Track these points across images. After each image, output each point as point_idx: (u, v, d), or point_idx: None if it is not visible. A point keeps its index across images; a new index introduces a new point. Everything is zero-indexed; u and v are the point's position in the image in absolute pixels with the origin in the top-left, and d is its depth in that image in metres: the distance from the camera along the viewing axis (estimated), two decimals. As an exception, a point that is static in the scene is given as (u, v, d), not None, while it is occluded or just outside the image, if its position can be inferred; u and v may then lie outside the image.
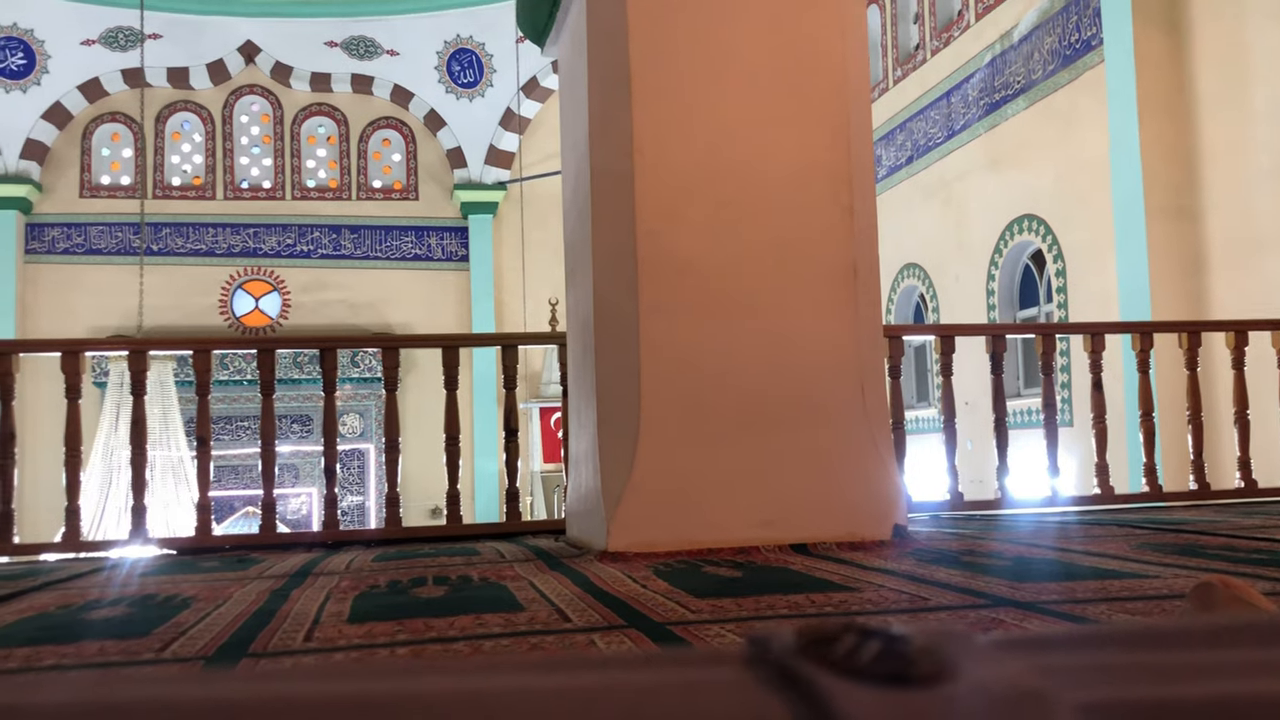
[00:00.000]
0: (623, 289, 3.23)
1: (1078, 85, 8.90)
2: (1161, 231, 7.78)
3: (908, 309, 12.41)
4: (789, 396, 3.18)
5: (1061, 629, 0.80)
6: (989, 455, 5.05)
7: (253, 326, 15.21)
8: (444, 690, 0.27)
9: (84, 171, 15.20)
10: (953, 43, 11.01)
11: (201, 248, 15.29)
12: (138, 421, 4.61)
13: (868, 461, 3.23)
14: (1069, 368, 8.81)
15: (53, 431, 6.11)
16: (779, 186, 3.29)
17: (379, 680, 0.29)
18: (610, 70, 3.31)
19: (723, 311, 3.17)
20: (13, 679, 1.54)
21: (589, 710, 0.27)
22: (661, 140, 3.25)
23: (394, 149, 15.97)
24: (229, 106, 15.60)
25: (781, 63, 3.33)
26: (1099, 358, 5.02)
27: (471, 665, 0.33)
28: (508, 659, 0.34)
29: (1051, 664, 0.36)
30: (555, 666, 0.31)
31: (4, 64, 14.28)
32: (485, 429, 14.72)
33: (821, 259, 3.26)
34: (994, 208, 10.20)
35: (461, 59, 15.23)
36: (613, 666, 0.33)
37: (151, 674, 1.48)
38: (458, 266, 15.78)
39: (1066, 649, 0.40)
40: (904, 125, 12.03)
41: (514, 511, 4.67)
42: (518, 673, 0.30)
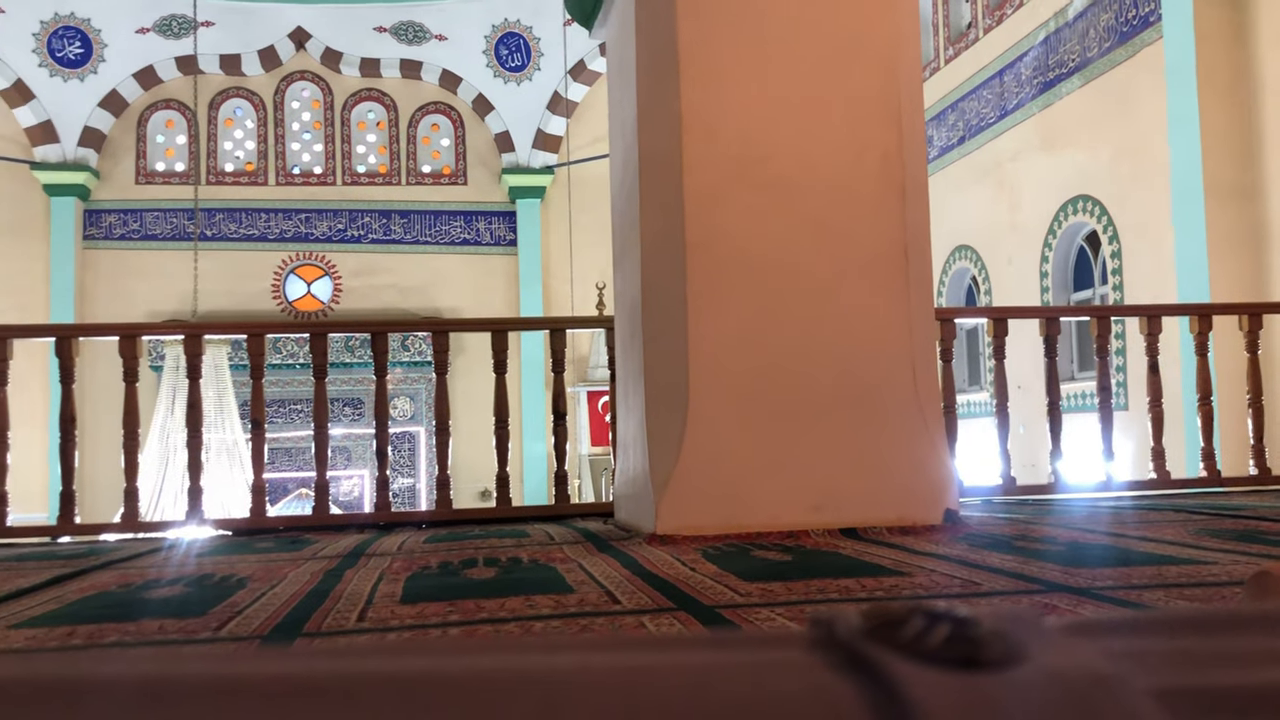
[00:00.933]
0: (671, 272, 3.22)
1: (1135, 63, 8.71)
2: (1221, 211, 7.61)
3: (959, 291, 12.27)
4: (839, 380, 3.16)
5: (1130, 614, 0.78)
6: (1042, 439, 4.99)
7: (305, 311, 15.40)
8: (510, 669, 0.27)
9: (140, 158, 15.44)
10: (1005, 20, 10.83)
11: (254, 233, 15.50)
12: (193, 404, 4.68)
13: (919, 445, 3.20)
14: (1124, 351, 8.67)
15: (111, 414, 6.23)
16: (829, 168, 3.26)
17: (445, 658, 0.29)
18: (659, 52, 3.29)
19: (772, 294, 3.15)
20: (78, 655, 1.57)
21: (654, 690, 0.27)
22: (710, 122, 3.23)
23: (443, 134, 16.05)
24: (280, 93, 15.76)
25: (831, 43, 3.29)
26: (1156, 340, 4.93)
27: (535, 645, 0.33)
28: (570, 639, 0.34)
29: (1122, 649, 0.35)
30: (618, 646, 0.31)
31: (62, 53, 14.54)
32: (533, 412, 14.79)
33: (872, 241, 3.23)
34: (1048, 188, 10.04)
35: (509, 43, 15.25)
36: (676, 647, 0.33)
37: (208, 652, 1.51)
38: (506, 251, 15.84)
39: (1136, 634, 0.40)
40: (956, 105, 11.86)
41: (563, 494, 4.69)
42: (581, 652, 0.30)
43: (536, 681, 0.26)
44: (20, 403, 4.83)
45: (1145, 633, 0.40)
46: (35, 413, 13.13)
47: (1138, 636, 0.40)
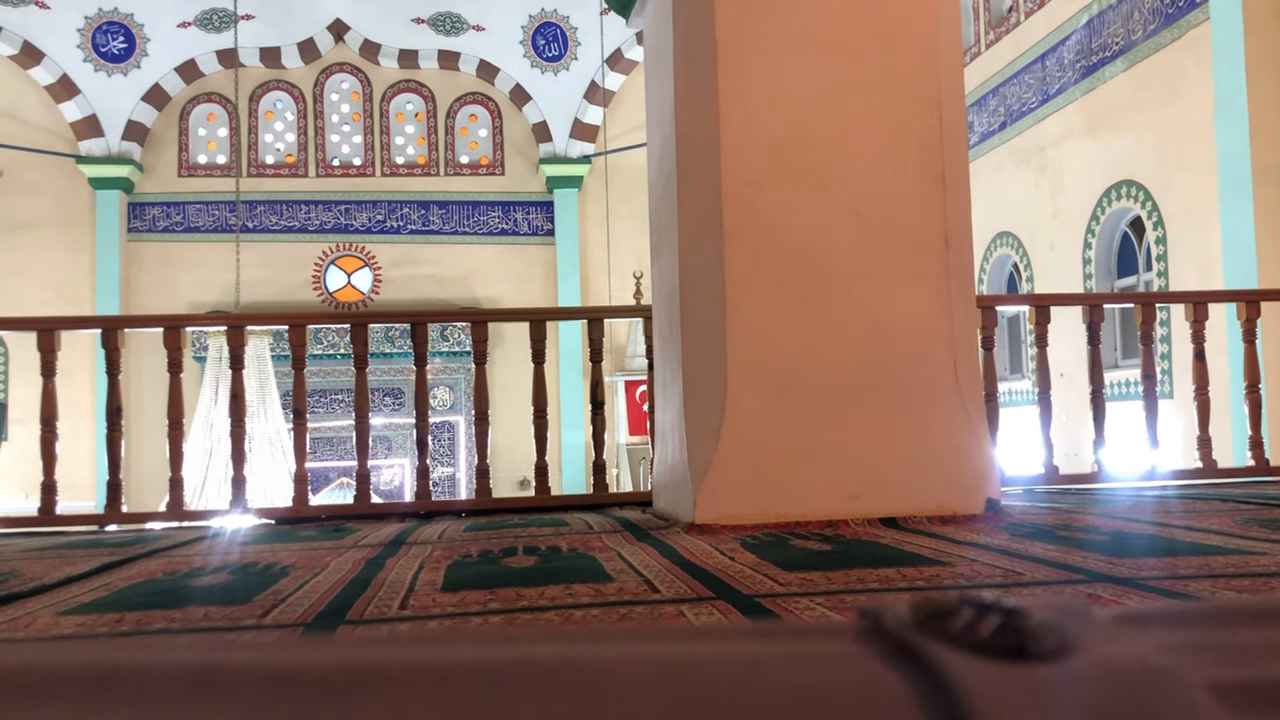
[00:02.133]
0: (709, 260, 3.21)
1: (1180, 45, 8.56)
2: (1269, 195, 7.47)
3: (1000, 279, 12.14)
4: (879, 368, 3.14)
5: (1181, 605, 0.77)
6: (1085, 427, 4.93)
7: (345, 301, 15.52)
8: (556, 658, 0.27)
9: (182, 151, 15.63)
10: (1048, 4, 10.68)
11: (295, 224, 15.64)
12: (236, 395, 4.74)
13: (959, 434, 3.18)
14: (1169, 338, 8.54)
15: (156, 404, 6.34)
16: (868, 155, 3.24)
17: (490, 646, 0.29)
18: (696, 40, 3.28)
19: (811, 282, 3.13)
20: (128, 640, 1.59)
21: (701, 681, 0.27)
22: (748, 109, 3.21)
23: (480, 124, 16.10)
24: (319, 85, 15.88)
25: (870, 28, 3.26)
26: (1202, 327, 4.85)
27: (580, 634, 0.33)
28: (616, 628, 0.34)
29: (1174, 641, 0.35)
30: (663, 637, 0.31)
31: (106, 48, 14.73)
32: (571, 401, 14.83)
33: (912, 228, 3.20)
34: (1090, 174, 9.90)
35: (546, 33, 15.26)
36: (722, 638, 0.33)
37: (256, 640, 1.53)
38: (543, 241, 15.88)
39: (1188, 625, 0.39)
40: (996, 90, 11.72)
41: (601, 483, 4.70)
42: (626, 642, 0.30)
43: (582, 670, 0.26)
44: (67, 393, 4.92)
45: (1197, 625, 0.40)
46: (82, 403, 13.36)
47: (1189, 628, 0.39)
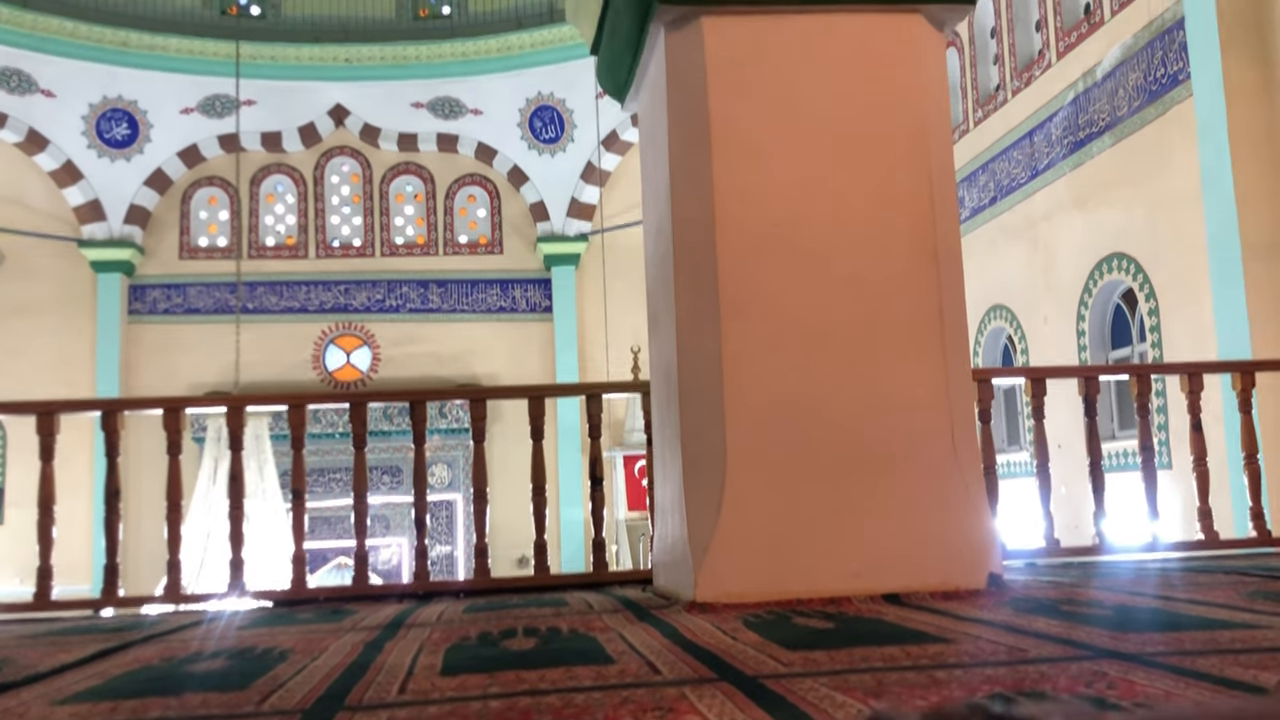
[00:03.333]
0: (706, 336, 3.23)
1: (1165, 120, 8.72)
2: (1259, 267, 7.55)
3: (995, 351, 12.20)
4: (878, 444, 3.15)
5: (1187, 710, 0.77)
6: (1084, 499, 4.92)
7: (344, 381, 15.56)
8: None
9: (183, 234, 15.79)
10: (1034, 82, 10.90)
11: (295, 305, 15.74)
12: (235, 476, 4.73)
13: (960, 508, 3.17)
14: (1165, 409, 8.56)
15: (154, 485, 6.31)
16: (862, 231, 3.28)
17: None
18: (690, 121, 3.34)
19: (808, 358, 3.16)
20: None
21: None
22: (742, 187, 3.26)
23: (479, 204, 16.30)
24: (320, 168, 16.11)
25: (860, 108, 3.33)
26: (1198, 398, 4.87)
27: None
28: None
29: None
30: None
31: (109, 134, 14.96)
32: (570, 477, 14.79)
33: (907, 303, 3.23)
34: (1082, 247, 10.01)
35: (543, 115, 15.53)
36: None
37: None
38: (541, 317, 15.98)
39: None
40: (986, 166, 11.90)
41: (600, 561, 4.67)
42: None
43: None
44: (65, 475, 4.91)
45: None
46: (80, 485, 13.30)
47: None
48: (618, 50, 3.50)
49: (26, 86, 14.42)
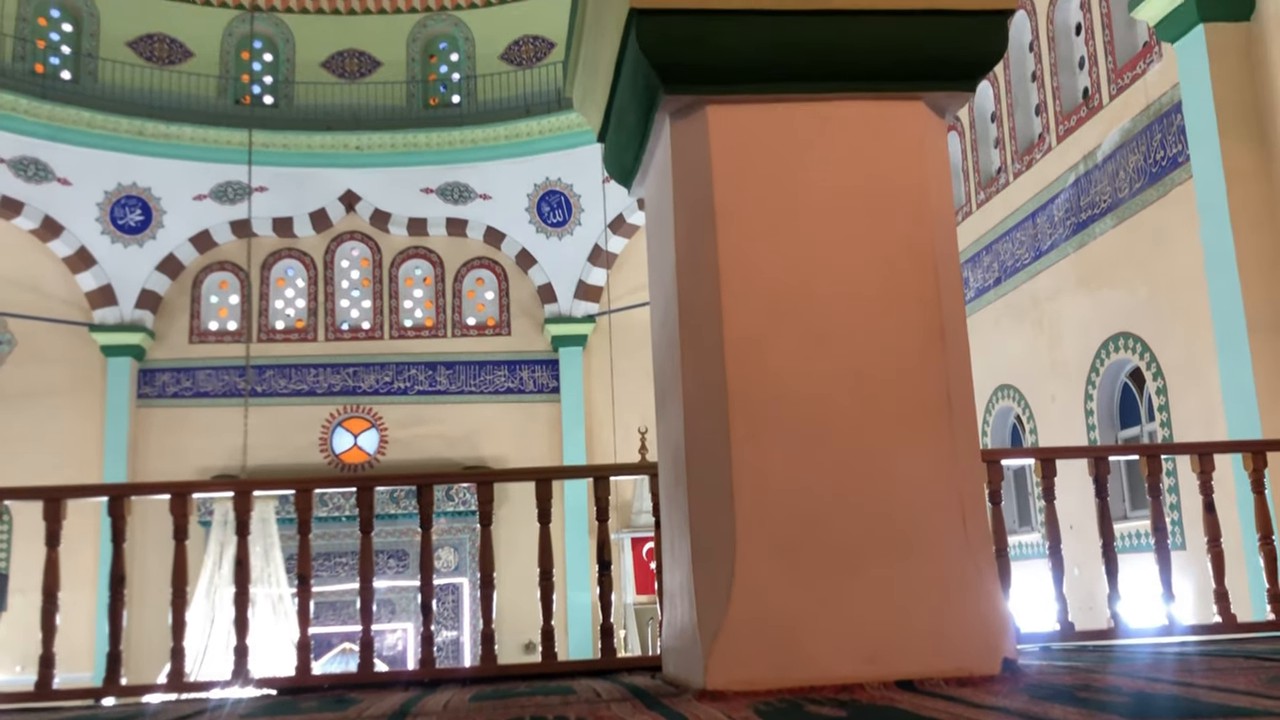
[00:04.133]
0: (714, 418, 3.24)
1: (1167, 201, 8.80)
2: (1265, 345, 7.55)
3: (1004, 431, 12.15)
4: (888, 527, 3.12)
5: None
6: (1098, 581, 4.86)
7: (351, 463, 15.53)
8: None
9: (193, 318, 15.92)
10: (1035, 165, 11.04)
11: (303, 388, 15.79)
12: (241, 561, 4.70)
13: (972, 593, 3.14)
14: (1177, 488, 8.49)
15: (159, 569, 6.27)
16: (867, 313, 3.30)
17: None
18: (696, 205, 3.39)
19: (816, 440, 3.15)
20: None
21: None
22: (748, 271, 3.29)
23: (487, 287, 16.44)
24: (330, 252, 16.30)
25: (863, 191, 3.38)
26: (1209, 478, 4.83)
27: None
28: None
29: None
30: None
31: (123, 220, 15.19)
32: (577, 560, 14.66)
33: (914, 385, 3.23)
34: (1087, 326, 10.03)
35: (551, 200, 15.75)
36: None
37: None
38: (549, 398, 16.00)
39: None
40: (990, 247, 12.00)
41: (609, 647, 4.61)
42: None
43: None
44: (70, 561, 4.89)
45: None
46: (85, 571, 13.21)
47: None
48: (624, 138, 3.57)
49: (43, 175, 14.68)
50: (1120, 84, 9.53)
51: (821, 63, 3.15)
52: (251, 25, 15.55)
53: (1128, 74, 9.42)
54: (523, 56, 16.12)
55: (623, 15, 3.04)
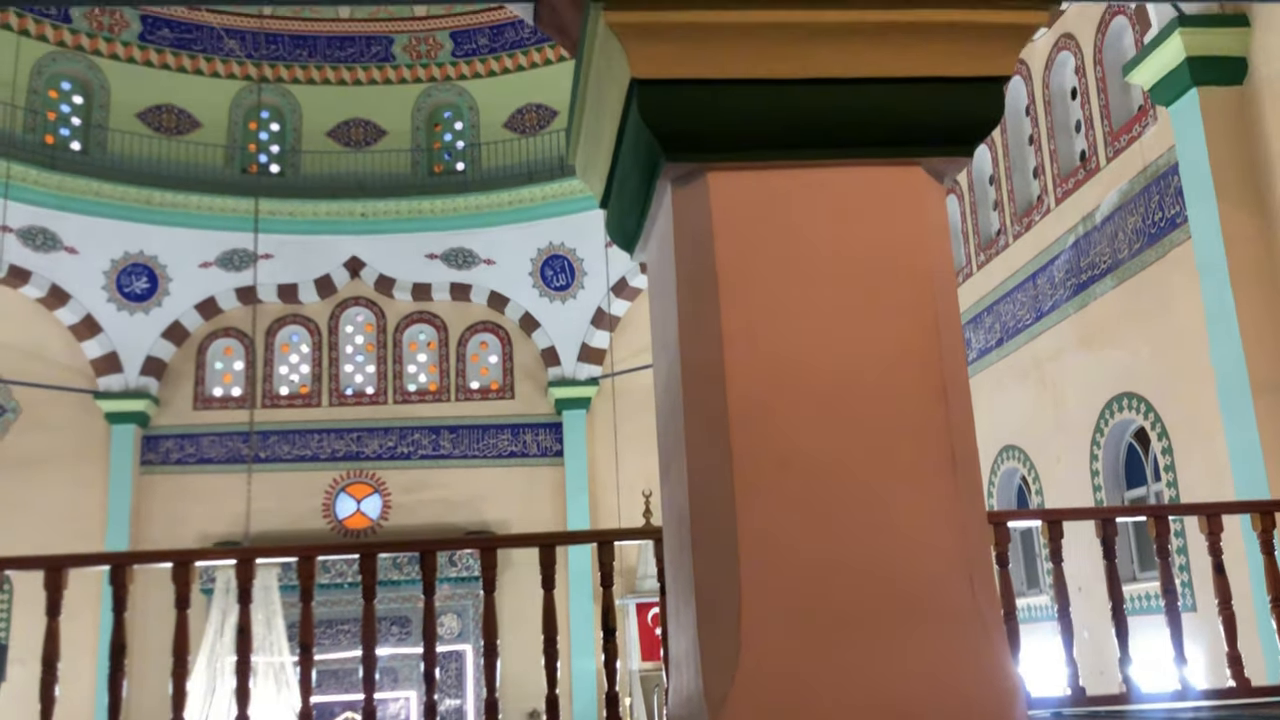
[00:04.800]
0: (719, 483, 3.23)
1: (1166, 262, 8.85)
2: (1270, 405, 7.54)
3: (1009, 492, 12.10)
4: (895, 591, 3.10)
5: None
6: (1108, 643, 4.80)
7: (354, 529, 15.45)
8: None
9: (198, 385, 15.96)
10: (1034, 227, 11.12)
11: (307, 453, 15.77)
12: (243, 630, 4.66)
13: (982, 658, 3.10)
14: (1186, 549, 8.42)
15: (159, 638, 6.21)
16: (869, 376, 3.31)
17: None
18: (698, 270, 3.41)
19: (821, 505, 3.14)
20: None
21: None
22: (751, 334, 3.30)
23: (491, 351, 16.50)
24: (335, 318, 16.38)
25: (865, 256, 3.40)
26: (1218, 539, 4.80)
27: None
28: None
29: None
30: None
31: (129, 288, 15.30)
32: (581, 626, 14.51)
33: (918, 447, 3.23)
34: (1091, 386, 10.03)
35: (554, 264, 15.86)
36: None
37: None
38: (553, 462, 15.97)
39: None
40: (991, 308, 12.04)
41: (614, 715, 4.55)
42: None
43: None
44: (71, 630, 4.86)
45: None
46: (85, 640, 13.09)
47: None
48: (626, 204, 3.61)
49: (51, 243, 14.82)
50: (1117, 147, 9.64)
51: (820, 130, 3.20)
52: (259, 96, 15.80)
53: (1124, 137, 9.54)
54: (526, 124, 16.35)
55: (624, 85, 3.09)
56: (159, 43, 15.89)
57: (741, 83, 3.10)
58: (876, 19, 3.07)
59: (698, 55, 3.07)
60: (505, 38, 16.58)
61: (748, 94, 3.12)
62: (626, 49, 3.01)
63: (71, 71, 15.58)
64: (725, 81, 3.09)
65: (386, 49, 16.65)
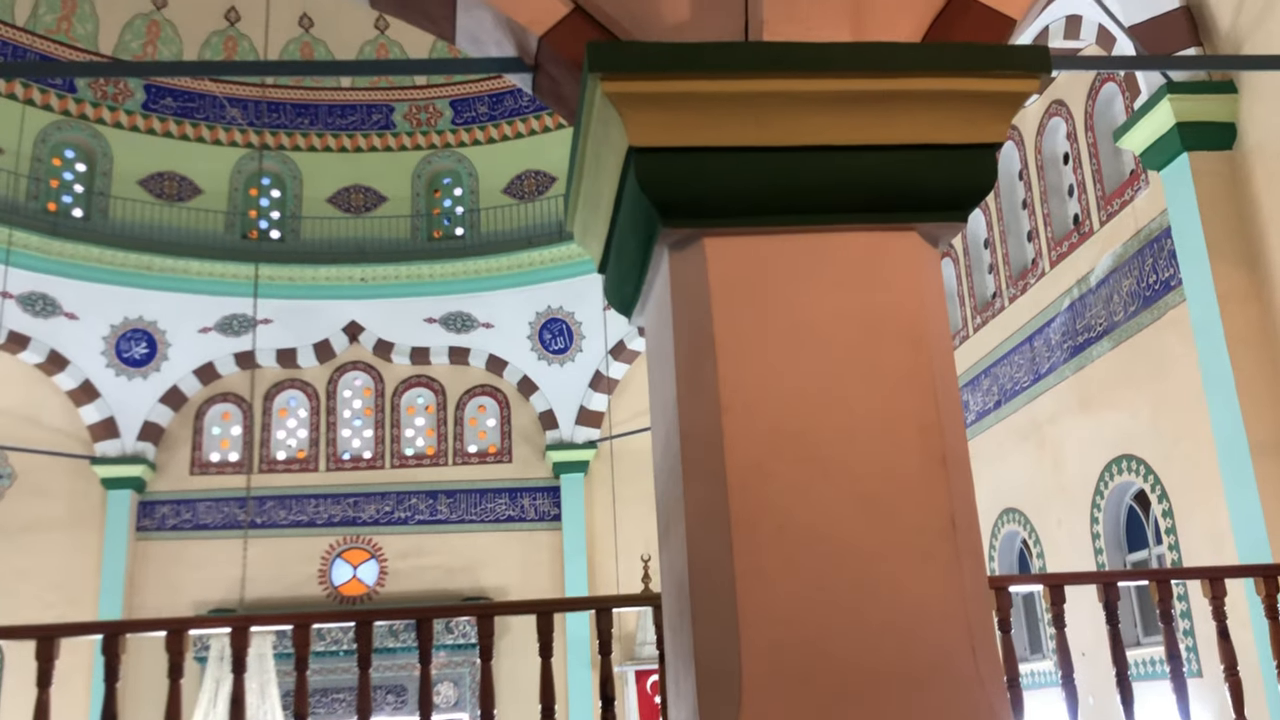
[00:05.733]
0: (718, 549, 3.21)
1: (1162, 324, 8.89)
2: (1270, 467, 7.51)
3: (1011, 556, 12.01)
4: (897, 660, 3.07)
5: None
6: (1114, 709, 4.73)
7: (351, 596, 15.31)
8: None
9: (195, 450, 15.91)
10: (1030, 289, 11.18)
11: (303, 519, 15.68)
12: (237, 700, 4.58)
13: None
14: (1190, 613, 8.34)
15: (151, 708, 6.11)
16: (868, 441, 3.31)
17: None
18: (695, 335, 3.43)
19: (822, 571, 3.12)
20: None
21: None
22: (748, 400, 3.31)
23: (489, 414, 16.48)
24: (333, 382, 16.39)
25: (861, 320, 3.41)
26: (1222, 604, 4.75)
27: None
28: None
29: None
30: None
31: (128, 354, 15.33)
32: (580, 695, 14.31)
33: (918, 512, 3.22)
34: (1090, 449, 10.01)
35: (553, 328, 15.91)
36: None
37: None
38: (550, 526, 15.87)
39: None
40: (989, 370, 12.06)
41: (613, 786, 4.47)
42: None
43: None
44: (61, 699, 4.77)
45: None
46: (76, 709, 12.89)
47: None
48: (624, 269, 3.64)
49: (51, 309, 14.87)
50: (1110, 210, 9.74)
51: (816, 195, 3.24)
52: (260, 162, 15.98)
53: (1116, 200, 9.63)
54: (525, 190, 16.51)
55: (622, 152, 3.13)
56: (162, 111, 16.10)
57: (737, 150, 3.14)
58: (870, 87, 3.12)
59: (694, 123, 3.12)
60: (504, 105, 16.81)
61: (743, 161, 3.16)
62: (624, 118, 3.06)
63: (75, 139, 15.75)
64: (721, 149, 3.13)
65: (387, 117, 16.87)
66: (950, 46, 3.18)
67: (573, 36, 3.37)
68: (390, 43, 16.58)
